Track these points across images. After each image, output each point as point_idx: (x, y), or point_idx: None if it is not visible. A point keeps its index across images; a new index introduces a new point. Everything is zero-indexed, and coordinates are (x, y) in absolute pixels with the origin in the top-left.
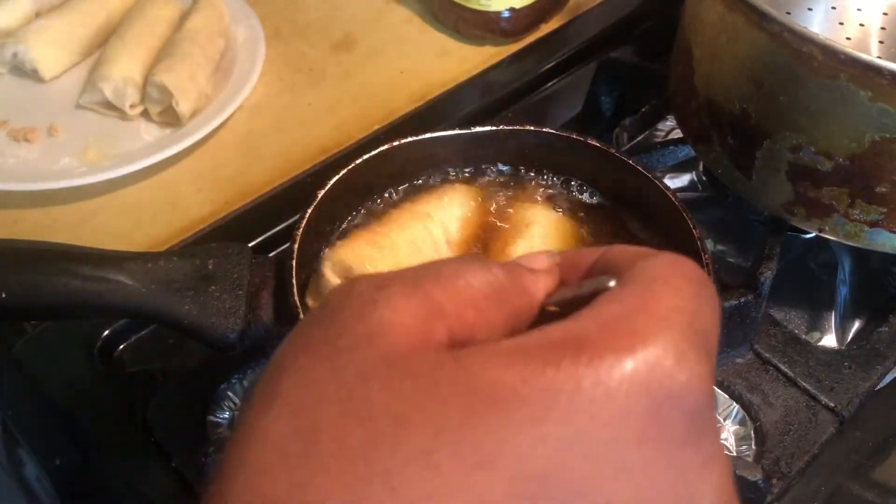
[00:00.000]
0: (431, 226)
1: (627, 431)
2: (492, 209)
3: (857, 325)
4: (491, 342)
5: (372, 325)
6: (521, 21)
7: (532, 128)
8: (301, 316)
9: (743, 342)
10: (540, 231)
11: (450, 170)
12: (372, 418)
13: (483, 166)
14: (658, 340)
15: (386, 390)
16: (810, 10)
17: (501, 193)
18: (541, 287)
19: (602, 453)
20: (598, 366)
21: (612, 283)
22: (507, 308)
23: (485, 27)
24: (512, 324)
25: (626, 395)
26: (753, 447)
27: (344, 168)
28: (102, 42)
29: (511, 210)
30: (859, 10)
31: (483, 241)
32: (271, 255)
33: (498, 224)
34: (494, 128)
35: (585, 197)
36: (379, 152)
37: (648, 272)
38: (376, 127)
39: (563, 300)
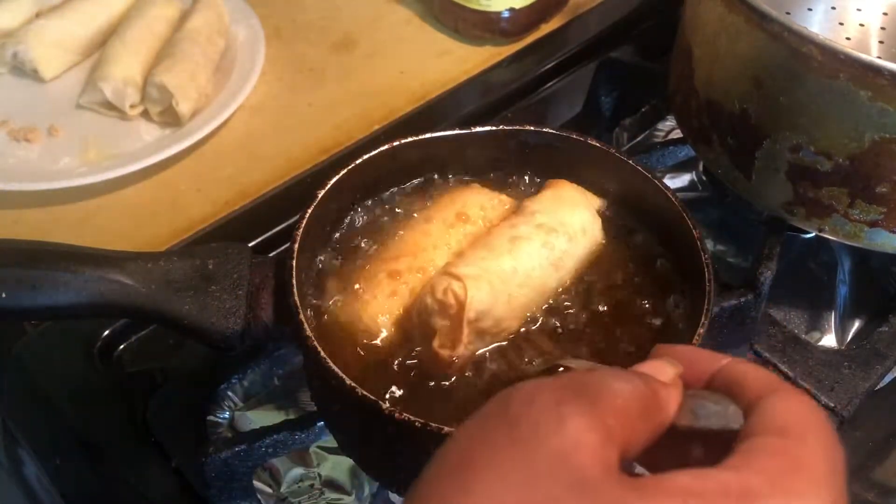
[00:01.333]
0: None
1: None
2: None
3: (857, 325)
4: (664, 477)
5: (565, 442)
6: (521, 21)
7: (532, 128)
8: (300, 316)
9: (743, 342)
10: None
11: (450, 170)
12: None
13: (483, 166)
14: (817, 500)
15: None
16: (810, 10)
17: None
18: (673, 401)
19: None
20: None
21: (737, 426)
22: (651, 423)
23: (485, 27)
24: (651, 436)
25: None
26: None
27: (344, 168)
28: (102, 42)
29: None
30: (859, 10)
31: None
32: (271, 255)
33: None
34: (494, 128)
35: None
36: (379, 152)
37: (781, 419)
38: (376, 127)
39: (692, 428)
